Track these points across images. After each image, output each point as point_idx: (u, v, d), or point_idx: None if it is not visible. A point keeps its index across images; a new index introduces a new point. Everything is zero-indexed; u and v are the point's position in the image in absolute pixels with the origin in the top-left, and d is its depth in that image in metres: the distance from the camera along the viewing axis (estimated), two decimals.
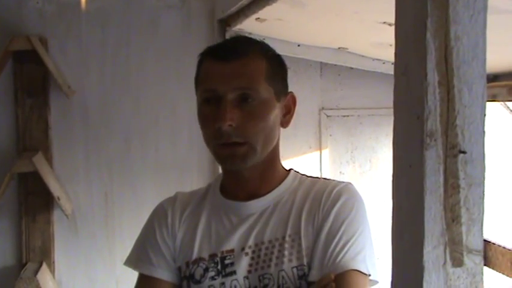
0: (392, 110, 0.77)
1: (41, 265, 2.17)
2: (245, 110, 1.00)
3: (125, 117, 2.33)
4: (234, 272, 1.02)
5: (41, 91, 2.23)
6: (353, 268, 0.97)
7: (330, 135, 2.65)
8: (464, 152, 0.71)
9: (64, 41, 2.26)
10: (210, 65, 1.03)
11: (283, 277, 0.99)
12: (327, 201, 1.04)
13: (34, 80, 2.22)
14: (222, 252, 1.04)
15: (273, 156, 1.09)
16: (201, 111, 1.04)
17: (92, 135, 2.31)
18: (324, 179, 1.13)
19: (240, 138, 1.00)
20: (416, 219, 0.71)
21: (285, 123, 1.09)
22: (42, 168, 2.11)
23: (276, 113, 1.04)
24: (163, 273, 1.07)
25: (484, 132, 0.72)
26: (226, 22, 2.25)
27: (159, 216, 1.12)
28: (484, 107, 0.72)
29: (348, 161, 2.70)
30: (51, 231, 2.25)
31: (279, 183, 1.10)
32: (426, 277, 0.70)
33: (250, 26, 2.09)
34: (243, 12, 2.01)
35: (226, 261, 1.03)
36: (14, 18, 2.20)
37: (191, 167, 2.38)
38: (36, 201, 2.23)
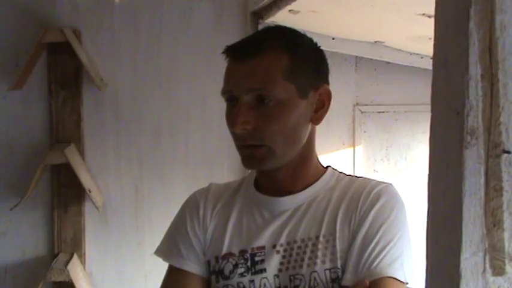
0: (430, 106, 0.72)
1: (71, 256, 2.20)
2: (262, 112, 0.96)
3: (156, 111, 2.34)
4: (264, 270, 0.99)
5: (73, 83, 2.25)
6: (389, 275, 0.93)
7: (364, 132, 2.59)
8: (508, 152, 0.65)
9: (97, 33, 2.27)
10: (229, 65, 1.01)
11: (315, 279, 0.96)
12: (365, 202, 0.99)
13: (67, 72, 2.24)
14: (253, 248, 1.01)
15: (305, 154, 1.04)
16: (226, 111, 1.02)
17: (123, 128, 2.32)
18: (363, 178, 1.07)
19: (257, 140, 0.97)
20: (453, 223, 0.66)
21: (315, 119, 1.02)
22: (74, 160, 2.13)
23: (299, 112, 0.98)
24: (193, 266, 1.05)
25: None
26: (259, 14, 2.22)
27: (191, 207, 1.10)
28: None
29: (383, 159, 2.63)
30: (83, 223, 2.28)
31: (315, 181, 1.05)
32: (463, 286, 0.65)
33: (283, 18, 2.06)
34: (275, 4, 1.98)
35: (257, 258, 1.00)
36: (48, 11, 2.23)
37: (221, 162, 2.37)
38: (68, 193, 2.26)
